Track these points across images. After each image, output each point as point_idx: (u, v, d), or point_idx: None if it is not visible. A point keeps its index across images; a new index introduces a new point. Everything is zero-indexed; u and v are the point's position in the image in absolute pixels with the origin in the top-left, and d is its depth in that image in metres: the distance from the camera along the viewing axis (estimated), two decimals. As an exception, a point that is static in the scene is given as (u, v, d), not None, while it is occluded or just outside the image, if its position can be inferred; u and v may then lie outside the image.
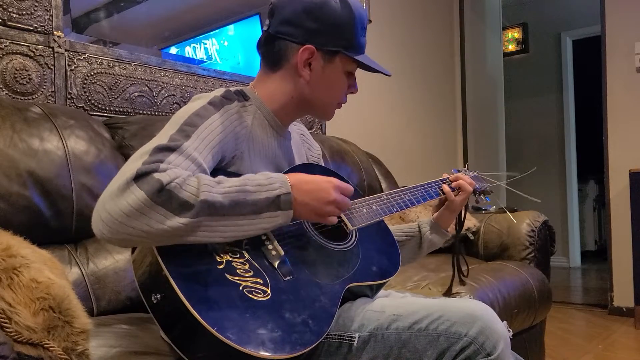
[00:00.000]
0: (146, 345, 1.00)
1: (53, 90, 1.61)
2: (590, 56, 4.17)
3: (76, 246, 1.35)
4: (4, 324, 0.68)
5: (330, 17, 1.04)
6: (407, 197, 1.22)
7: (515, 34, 5.39)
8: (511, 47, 5.39)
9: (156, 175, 0.78)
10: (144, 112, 1.84)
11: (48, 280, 0.77)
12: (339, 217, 1.07)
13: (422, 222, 1.32)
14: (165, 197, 0.77)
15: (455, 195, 1.27)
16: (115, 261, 1.35)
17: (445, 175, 1.32)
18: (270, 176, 0.90)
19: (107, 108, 1.74)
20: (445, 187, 1.28)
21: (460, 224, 1.39)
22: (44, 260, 0.84)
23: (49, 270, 0.80)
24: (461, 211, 1.37)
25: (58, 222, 1.30)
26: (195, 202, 0.79)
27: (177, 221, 0.78)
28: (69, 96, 1.65)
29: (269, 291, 0.88)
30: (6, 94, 1.52)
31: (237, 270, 0.87)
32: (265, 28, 1.08)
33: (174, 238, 0.80)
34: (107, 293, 1.30)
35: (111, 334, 1.04)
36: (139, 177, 0.78)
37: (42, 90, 1.59)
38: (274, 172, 1.04)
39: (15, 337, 0.68)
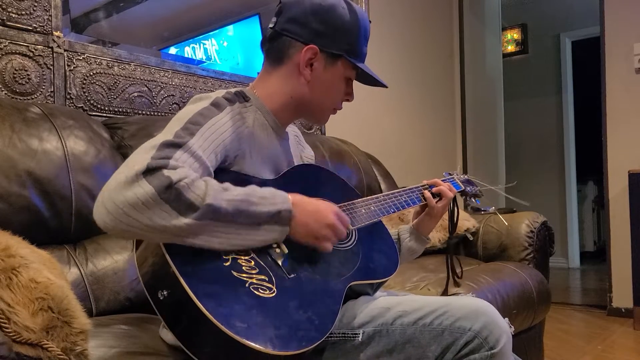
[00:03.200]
0: (145, 346, 1.00)
1: (52, 90, 1.61)
2: (590, 57, 4.17)
3: (75, 246, 1.35)
4: (3, 324, 0.68)
5: (336, 21, 1.05)
6: (404, 199, 1.24)
7: (514, 34, 5.40)
8: (510, 48, 5.39)
9: (166, 172, 0.79)
10: (143, 112, 1.84)
11: (47, 281, 0.77)
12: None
13: (402, 229, 1.32)
14: (173, 195, 0.78)
15: (436, 202, 1.27)
16: (114, 261, 1.35)
17: (424, 182, 1.31)
18: (275, 192, 0.91)
19: (106, 108, 1.74)
20: (427, 193, 1.27)
21: (453, 226, 1.39)
22: (43, 260, 0.84)
23: (47, 271, 0.80)
24: (454, 213, 1.37)
25: (57, 222, 1.30)
26: (201, 205, 0.80)
27: (181, 221, 0.79)
28: (68, 96, 1.64)
29: (274, 288, 0.89)
30: (5, 94, 1.51)
31: (243, 268, 0.89)
32: (271, 25, 1.09)
33: (173, 237, 0.81)
34: (106, 293, 1.30)
35: (110, 335, 1.04)
36: (148, 171, 0.79)
37: (41, 90, 1.59)
38: (274, 171, 1.06)
39: (14, 337, 0.68)
